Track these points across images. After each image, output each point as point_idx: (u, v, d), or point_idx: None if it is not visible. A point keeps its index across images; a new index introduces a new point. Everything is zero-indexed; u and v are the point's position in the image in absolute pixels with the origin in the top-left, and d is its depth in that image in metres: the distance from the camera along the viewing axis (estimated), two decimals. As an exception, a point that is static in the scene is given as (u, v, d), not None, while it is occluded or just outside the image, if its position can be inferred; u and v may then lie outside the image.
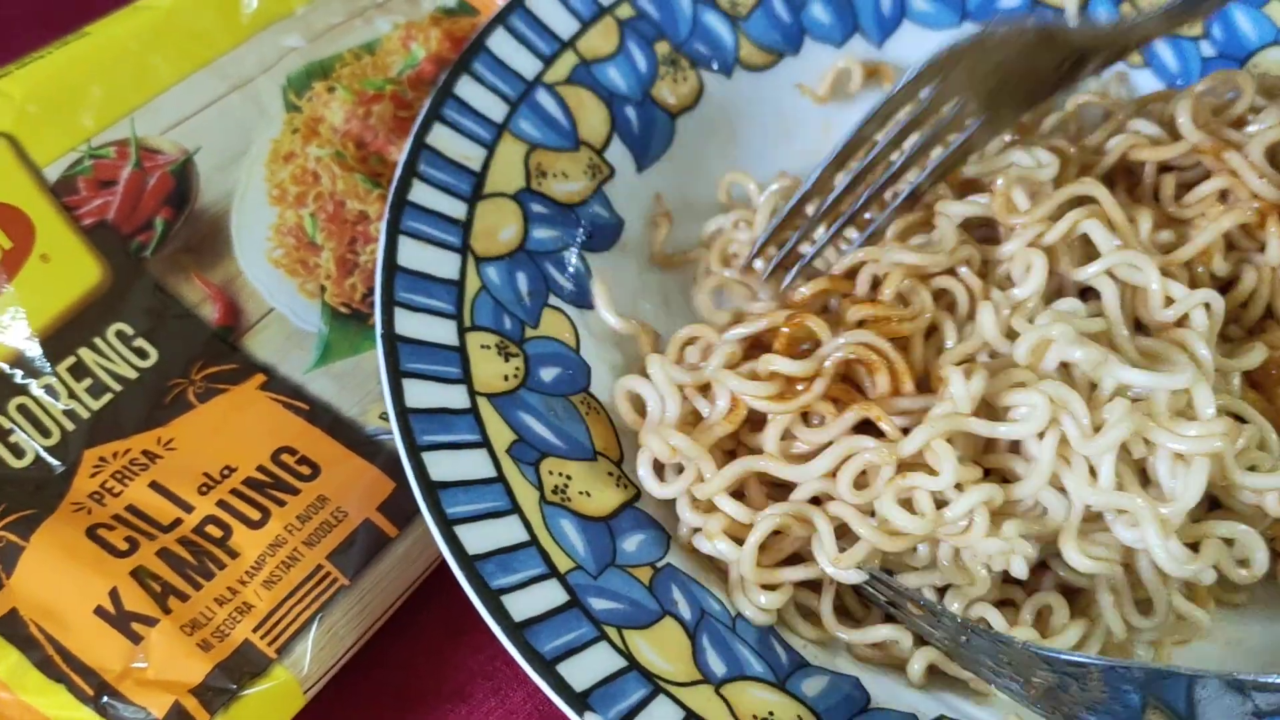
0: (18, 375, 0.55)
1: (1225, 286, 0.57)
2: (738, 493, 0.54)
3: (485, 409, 0.52)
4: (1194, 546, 0.51)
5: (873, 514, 0.51)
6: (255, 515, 0.53)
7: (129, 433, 0.55)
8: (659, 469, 0.54)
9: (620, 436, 0.56)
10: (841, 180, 0.59)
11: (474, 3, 0.71)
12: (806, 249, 0.60)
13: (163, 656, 0.49)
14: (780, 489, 0.54)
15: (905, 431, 0.51)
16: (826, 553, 0.51)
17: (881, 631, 0.52)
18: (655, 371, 0.55)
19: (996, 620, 0.51)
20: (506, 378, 0.54)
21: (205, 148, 0.62)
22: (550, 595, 0.48)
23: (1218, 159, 0.57)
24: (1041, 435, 0.50)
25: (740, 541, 0.52)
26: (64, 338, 0.56)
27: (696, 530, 0.53)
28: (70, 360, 0.56)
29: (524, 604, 0.47)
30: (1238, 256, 0.58)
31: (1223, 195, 0.57)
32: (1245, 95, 0.60)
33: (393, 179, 0.57)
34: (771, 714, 0.47)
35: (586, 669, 0.46)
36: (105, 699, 0.48)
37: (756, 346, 0.56)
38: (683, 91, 0.66)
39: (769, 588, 0.52)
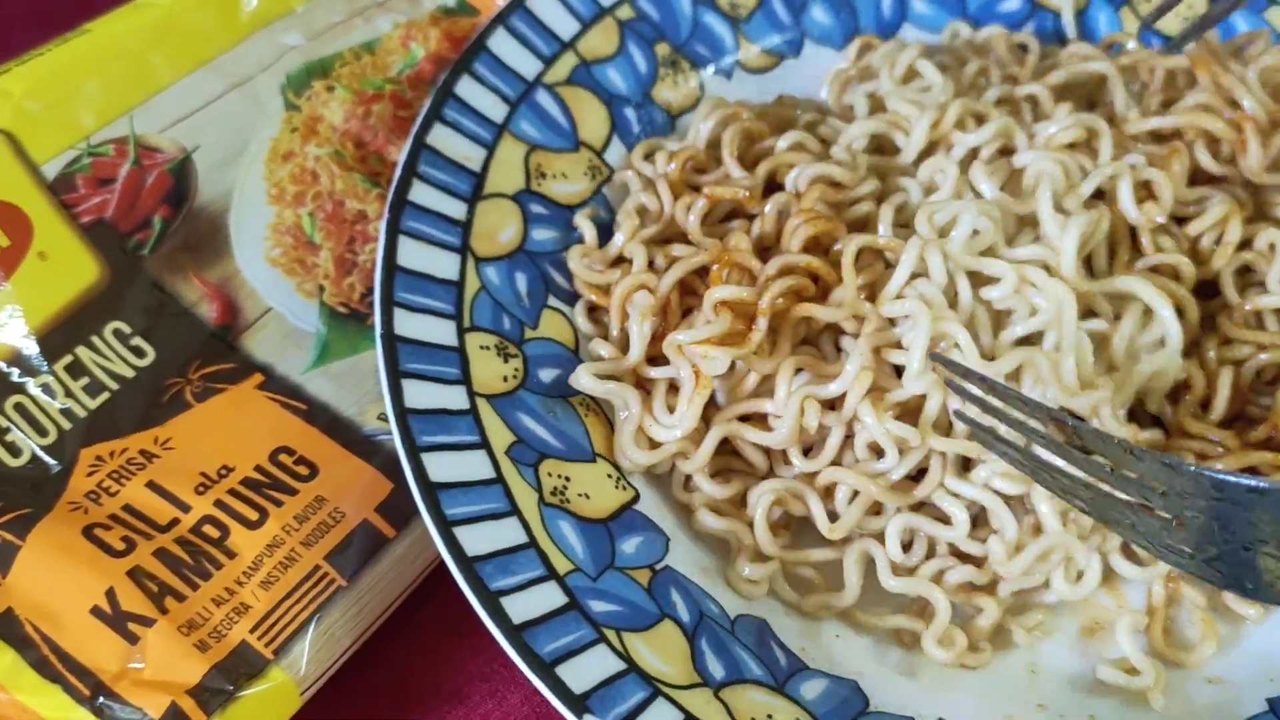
0: (14, 374, 0.55)
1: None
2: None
3: (484, 410, 0.52)
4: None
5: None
6: (253, 515, 0.53)
7: (126, 432, 0.55)
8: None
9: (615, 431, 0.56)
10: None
11: (474, 2, 0.71)
12: None
13: (159, 657, 0.48)
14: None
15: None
16: (821, 526, 0.54)
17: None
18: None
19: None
20: (506, 378, 0.54)
21: (204, 146, 0.62)
22: (549, 597, 0.48)
23: (1214, 78, 0.58)
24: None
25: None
26: (61, 336, 0.56)
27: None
28: (67, 359, 0.56)
29: (523, 606, 0.47)
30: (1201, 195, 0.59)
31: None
32: (1257, 43, 0.61)
33: (392, 178, 0.56)
34: (770, 717, 0.47)
35: (585, 671, 0.46)
36: (101, 699, 0.48)
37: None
38: (683, 93, 0.66)
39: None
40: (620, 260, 0.59)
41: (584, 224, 0.60)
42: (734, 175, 0.60)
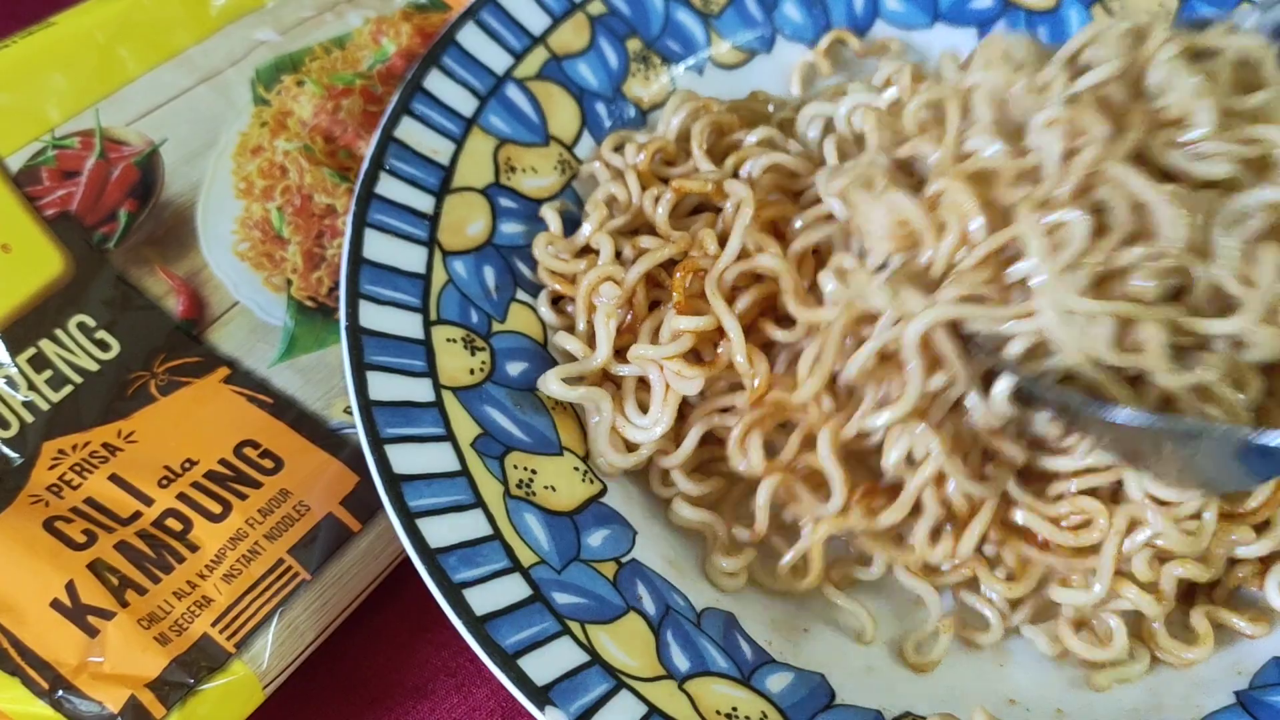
0: (-24, 366, 0.55)
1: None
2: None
3: (450, 402, 0.52)
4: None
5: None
6: (216, 509, 0.52)
7: (89, 425, 0.55)
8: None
9: (587, 432, 0.55)
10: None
11: (446, -2, 0.71)
12: None
13: (119, 650, 0.48)
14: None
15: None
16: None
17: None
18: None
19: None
20: (472, 371, 0.53)
21: (171, 140, 0.62)
22: (513, 589, 0.47)
23: None
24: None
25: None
26: (24, 329, 0.55)
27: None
28: (30, 351, 0.55)
29: (486, 598, 0.46)
30: None
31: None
32: None
33: (360, 172, 0.56)
34: (735, 710, 0.47)
35: (548, 663, 0.45)
36: (60, 693, 0.47)
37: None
38: (654, 88, 0.66)
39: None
40: (586, 250, 0.58)
41: (549, 215, 0.60)
42: (702, 168, 0.60)
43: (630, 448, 0.55)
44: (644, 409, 0.55)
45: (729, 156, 0.60)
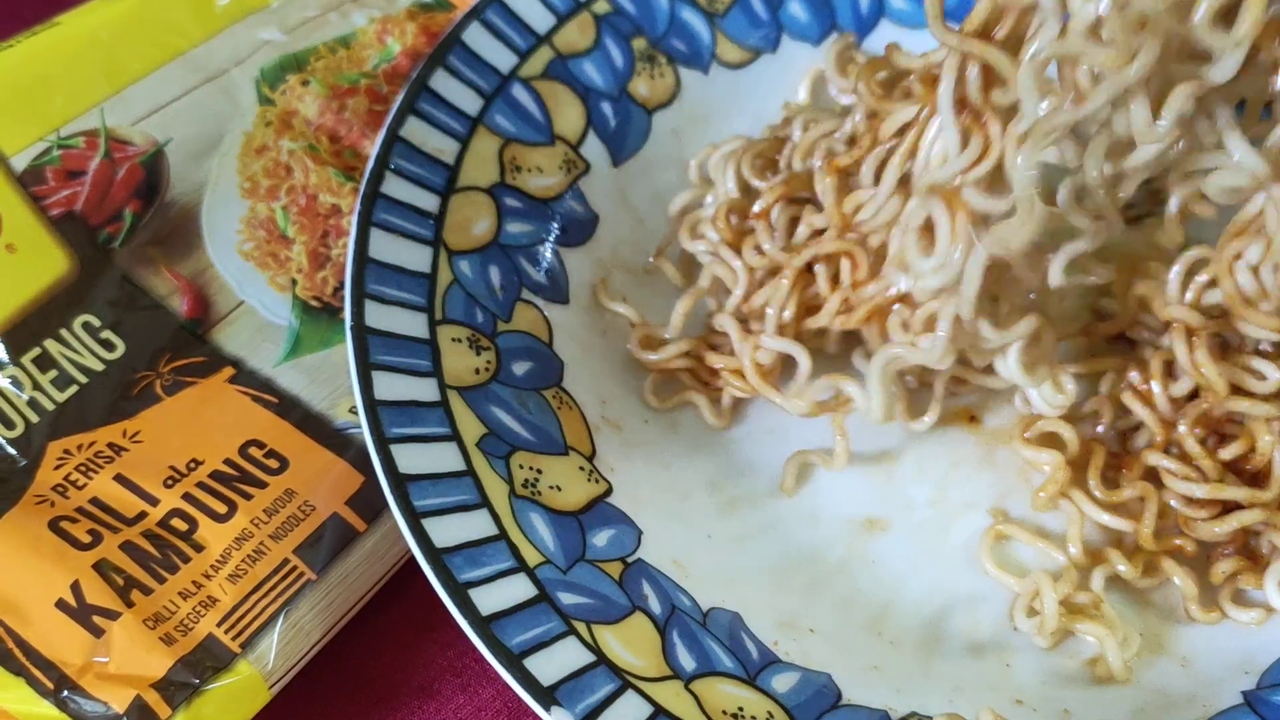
0: (-19, 366, 0.55)
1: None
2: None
3: (455, 402, 0.52)
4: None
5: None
6: (221, 509, 0.52)
7: (94, 425, 0.54)
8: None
9: (592, 431, 0.55)
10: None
11: (451, -2, 0.71)
12: None
13: (124, 650, 0.48)
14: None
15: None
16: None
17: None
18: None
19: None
20: (477, 371, 0.53)
21: (176, 139, 0.62)
22: (518, 589, 0.47)
23: None
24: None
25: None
26: (29, 329, 0.55)
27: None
28: (35, 352, 0.55)
29: (492, 598, 0.46)
30: None
31: None
32: None
33: (365, 171, 0.56)
34: (741, 710, 0.47)
35: (554, 663, 0.45)
36: (65, 693, 0.47)
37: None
38: (659, 88, 0.66)
39: None
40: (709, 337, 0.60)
41: (618, 307, 0.61)
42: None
43: (938, 294, 0.51)
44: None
45: (793, 160, 0.61)
